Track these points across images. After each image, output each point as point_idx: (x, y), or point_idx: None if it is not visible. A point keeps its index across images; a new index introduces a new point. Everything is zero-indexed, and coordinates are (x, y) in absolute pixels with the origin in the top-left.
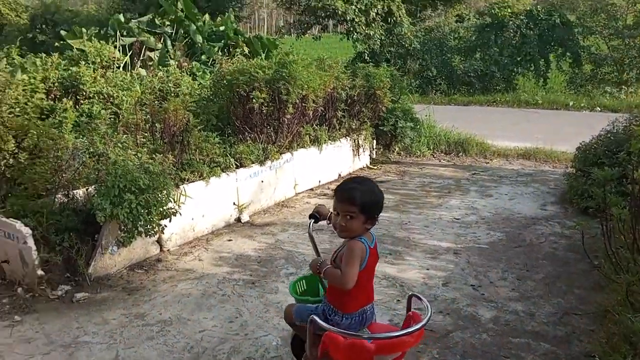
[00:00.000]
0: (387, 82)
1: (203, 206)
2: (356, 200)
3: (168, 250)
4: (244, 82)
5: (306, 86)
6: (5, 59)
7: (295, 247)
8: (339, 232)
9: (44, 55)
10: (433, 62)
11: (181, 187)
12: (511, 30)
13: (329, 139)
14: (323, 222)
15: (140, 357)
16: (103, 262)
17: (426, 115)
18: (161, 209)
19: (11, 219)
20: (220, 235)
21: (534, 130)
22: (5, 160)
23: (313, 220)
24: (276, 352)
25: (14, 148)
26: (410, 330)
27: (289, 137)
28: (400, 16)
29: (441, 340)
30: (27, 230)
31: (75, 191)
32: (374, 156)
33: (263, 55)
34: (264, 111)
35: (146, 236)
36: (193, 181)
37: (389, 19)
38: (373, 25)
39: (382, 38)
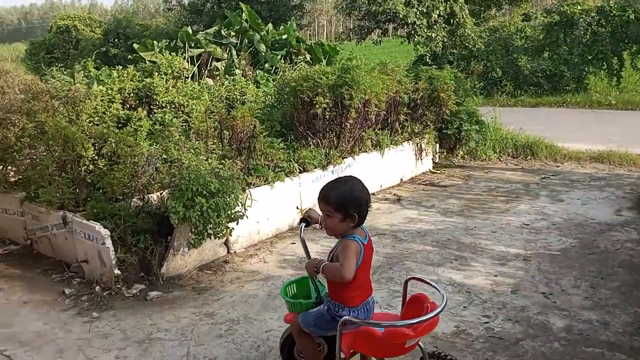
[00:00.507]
0: (451, 84)
1: (268, 210)
2: (330, 199)
3: (235, 252)
4: (308, 88)
5: (369, 91)
6: (82, 71)
7: None
8: (326, 231)
9: (120, 67)
10: (498, 63)
11: (247, 191)
12: (581, 28)
13: (391, 143)
14: (316, 225)
15: (210, 354)
16: (175, 262)
17: (492, 118)
18: (229, 212)
19: (91, 221)
20: (284, 238)
21: (607, 132)
22: (85, 167)
23: (304, 224)
24: None
25: (93, 155)
26: (438, 310)
27: (351, 141)
28: (463, 17)
29: (510, 348)
30: (105, 232)
31: (149, 195)
32: (437, 160)
33: (325, 62)
34: (327, 116)
35: (215, 238)
36: (258, 185)
37: (452, 21)
38: (435, 27)
39: (445, 40)
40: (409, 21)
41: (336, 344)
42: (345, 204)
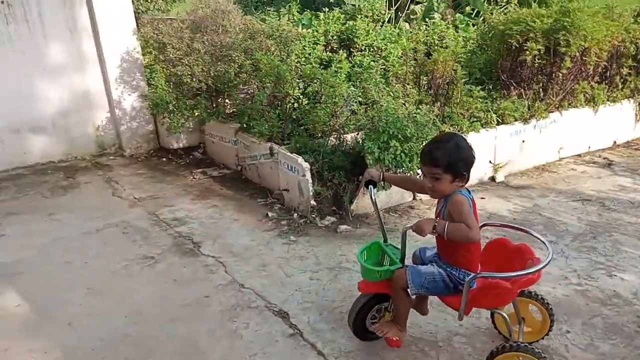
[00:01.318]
0: None
1: None
2: (438, 160)
3: (420, 199)
4: (518, 32)
5: (589, 37)
6: (287, 15)
7: (557, 214)
8: (430, 194)
9: (325, 10)
10: None
11: None
12: None
13: (608, 100)
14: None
15: None
16: (364, 201)
17: None
18: None
19: (294, 154)
20: (473, 192)
21: None
22: (291, 104)
23: (373, 187)
24: None
25: (299, 93)
26: (547, 262)
27: (560, 94)
28: None
29: None
30: (306, 165)
31: (345, 135)
32: None
33: (535, 4)
34: (536, 64)
35: None
36: None
37: None
38: None
39: None
40: None
41: (461, 304)
42: (454, 163)
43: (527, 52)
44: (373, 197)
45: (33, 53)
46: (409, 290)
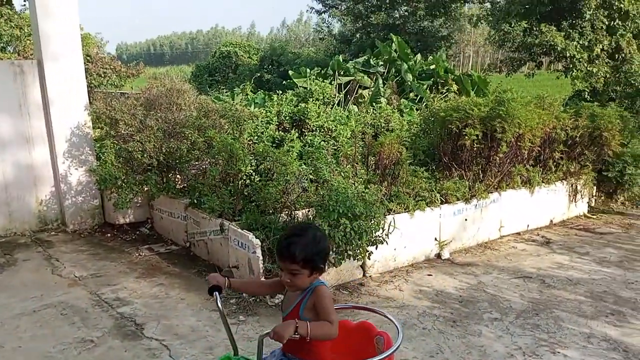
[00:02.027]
0: (617, 123)
1: (406, 238)
2: (295, 256)
3: (370, 276)
4: (457, 118)
5: (523, 125)
6: (241, 94)
7: (500, 291)
8: (288, 288)
9: (277, 92)
10: None
11: (390, 217)
12: None
13: (543, 182)
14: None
15: None
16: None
17: None
18: (371, 236)
19: (245, 231)
20: (420, 268)
21: None
22: (242, 180)
23: (218, 293)
24: None
25: (251, 170)
26: (398, 344)
27: (498, 176)
28: (630, 52)
29: None
30: (257, 242)
31: (296, 212)
32: (594, 204)
33: (473, 93)
34: (475, 148)
35: (354, 260)
36: (399, 212)
37: (617, 56)
38: (597, 62)
39: (607, 76)
40: (568, 54)
41: None
42: (312, 257)
43: (466, 137)
44: (219, 305)
45: None
46: None
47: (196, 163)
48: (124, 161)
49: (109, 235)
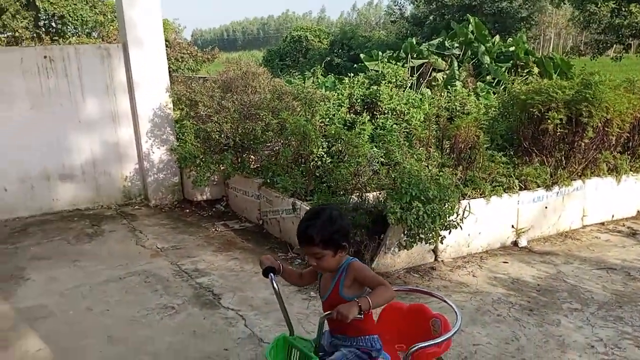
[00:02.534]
0: None
1: (481, 224)
2: (314, 238)
3: (442, 260)
4: (540, 102)
5: (612, 109)
6: (311, 78)
7: (581, 282)
8: (318, 271)
9: (350, 75)
10: None
11: (465, 202)
12: None
13: (631, 170)
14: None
15: None
16: (385, 260)
17: None
18: (444, 220)
19: None
20: (494, 255)
21: None
22: (314, 162)
23: (273, 274)
24: None
25: (322, 152)
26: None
27: (582, 163)
28: None
29: None
30: None
31: (367, 194)
32: None
33: (555, 76)
34: (558, 133)
35: (426, 243)
36: (474, 197)
37: None
38: None
39: None
40: None
41: None
42: (330, 237)
43: (549, 121)
44: (275, 286)
45: (70, 105)
46: None
47: (269, 144)
48: (202, 141)
49: (187, 210)
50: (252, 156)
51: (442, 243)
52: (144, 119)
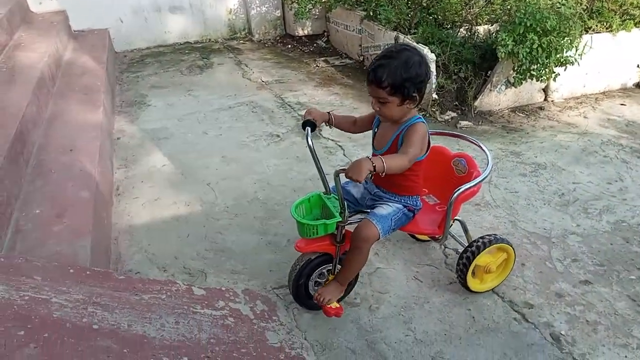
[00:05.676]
0: None
1: (602, 62)
2: (382, 81)
3: (552, 100)
4: None
5: None
6: None
7: None
8: (379, 118)
9: None
10: None
11: (587, 37)
12: None
13: None
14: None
15: (511, 187)
16: (489, 98)
17: None
18: (560, 55)
19: (420, 45)
20: (612, 97)
21: None
22: None
23: (310, 129)
24: None
25: None
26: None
27: None
28: None
29: None
30: (432, 56)
31: (477, 27)
32: None
33: None
34: None
35: (537, 81)
36: (598, 32)
37: None
38: None
39: None
40: None
41: (447, 218)
42: (401, 83)
43: None
44: (309, 141)
45: None
46: (380, 238)
47: None
48: None
49: (289, 46)
50: None
51: (554, 81)
52: None
